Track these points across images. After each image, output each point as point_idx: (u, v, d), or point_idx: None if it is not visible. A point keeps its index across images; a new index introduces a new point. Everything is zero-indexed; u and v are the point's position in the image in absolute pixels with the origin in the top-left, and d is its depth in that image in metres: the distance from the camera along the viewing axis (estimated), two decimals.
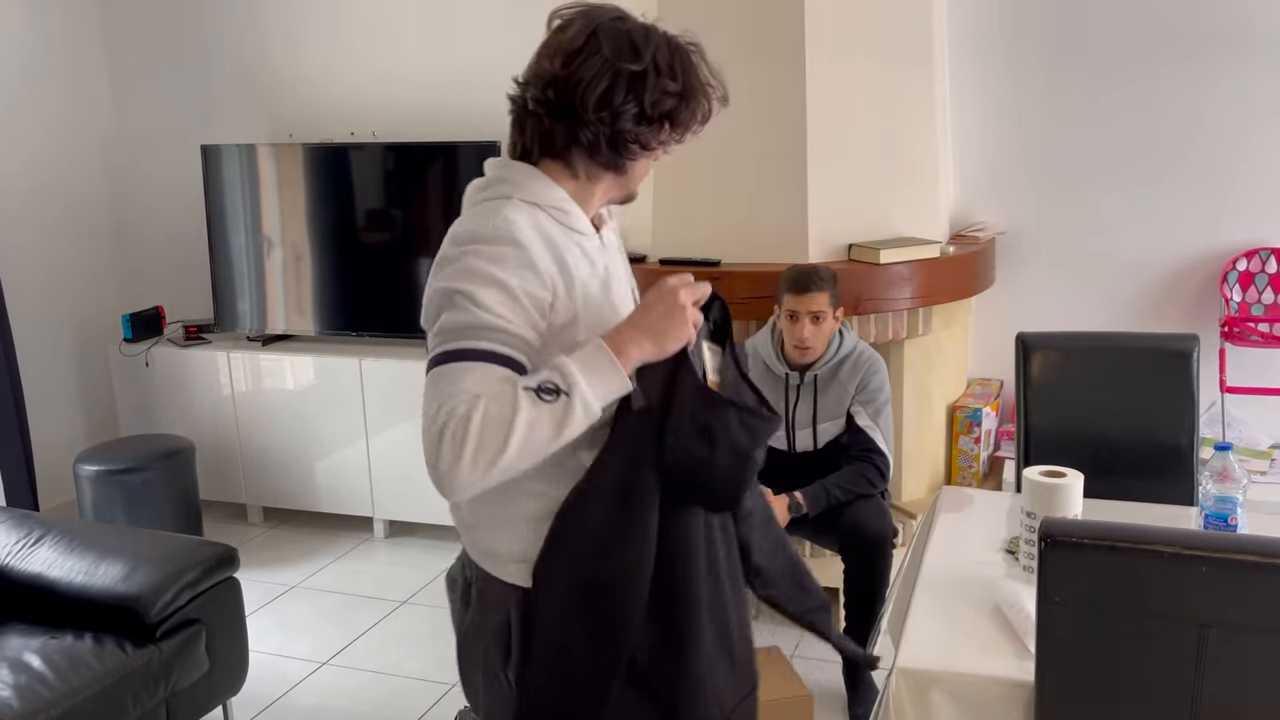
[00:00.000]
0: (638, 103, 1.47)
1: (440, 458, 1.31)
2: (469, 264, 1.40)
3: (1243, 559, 1.47)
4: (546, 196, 1.49)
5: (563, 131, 1.48)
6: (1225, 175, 3.58)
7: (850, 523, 2.89)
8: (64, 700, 2.36)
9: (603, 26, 1.47)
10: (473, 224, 1.44)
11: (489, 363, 1.36)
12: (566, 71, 1.45)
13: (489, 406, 1.32)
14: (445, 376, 1.35)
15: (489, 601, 1.54)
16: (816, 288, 2.91)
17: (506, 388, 1.34)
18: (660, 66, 1.49)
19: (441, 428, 1.32)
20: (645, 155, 1.55)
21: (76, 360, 4.73)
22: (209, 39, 4.68)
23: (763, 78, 3.34)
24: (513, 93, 1.52)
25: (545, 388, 1.34)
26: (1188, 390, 2.58)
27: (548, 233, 1.46)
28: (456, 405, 1.33)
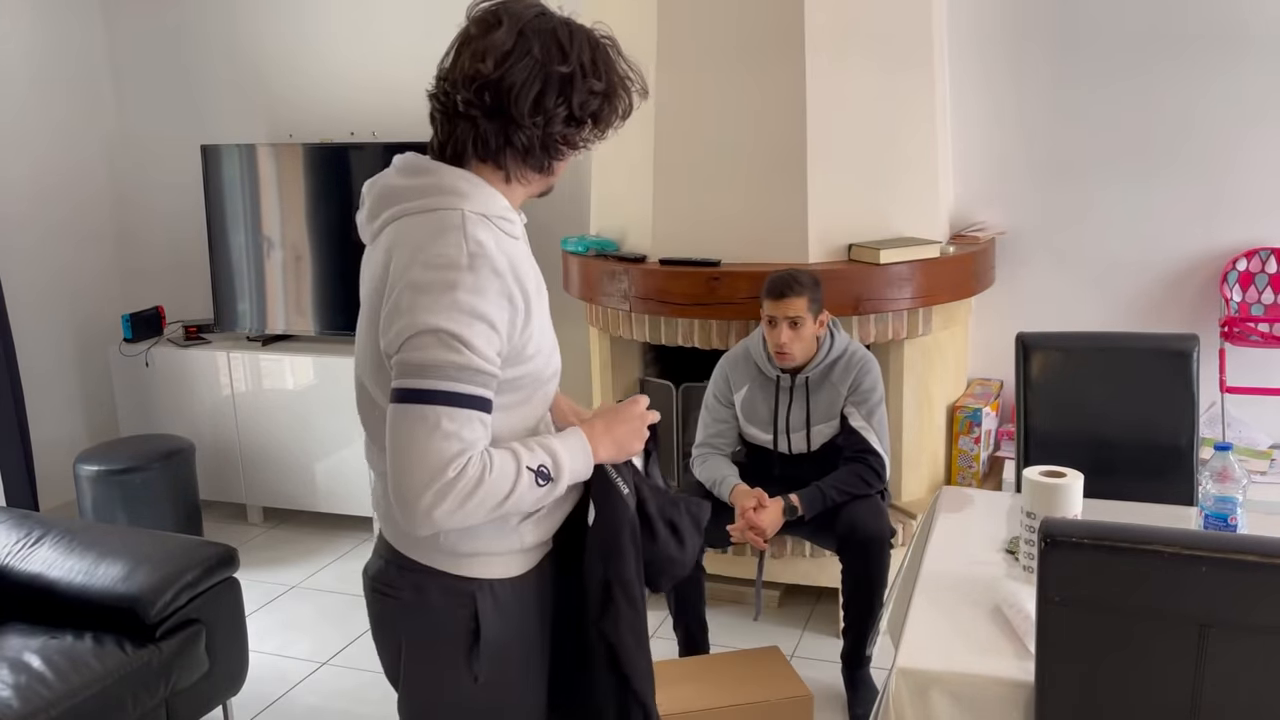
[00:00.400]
0: (567, 105, 1.49)
1: (441, 503, 1.40)
2: (455, 299, 1.41)
3: (1243, 559, 1.47)
4: (492, 207, 1.51)
5: (496, 134, 1.49)
6: (1225, 175, 3.58)
7: (847, 523, 2.89)
8: (64, 700, 2.36)
9: (529, 25, 1.48)
10: (444, 245, 1.44)
11: (482, 410, 1.44)
12: (499, 74, 1.46)
13: (497, 471, 1.43)
14: (453, 420, 1.41)
15: (439, 598, 1.58)
16: (793, 293, 2.91)
17: (510, 460, 1.46)
18: (586, 66, 1.50)
19: (456, 478, 1.40)
20: (570, 155, 1.58)
21: (77, 360, 4.73)
22: (209, 40, 4.68)
23: (762, 78, 3.34)
24: (434, 90, 1.53)
25: (542, 473, 1.48)
26: (1188, 390, 2.58)
27: (507, 250, 1.49)
28: (471, 461, 1.42)
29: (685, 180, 3.46)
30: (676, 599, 3.02)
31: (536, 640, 1.67)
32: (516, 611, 1.62)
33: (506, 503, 1.45)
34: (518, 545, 1.60)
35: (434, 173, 1.52)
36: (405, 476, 1.40)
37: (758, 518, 2.88)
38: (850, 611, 2.93)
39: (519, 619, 1.63)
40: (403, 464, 1.41)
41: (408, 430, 1.41)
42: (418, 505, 1.40)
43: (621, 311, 3.57)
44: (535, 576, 1.65)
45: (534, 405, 1.59)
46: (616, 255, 3.58)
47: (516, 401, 1.55)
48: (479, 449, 1.43)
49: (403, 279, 1.44)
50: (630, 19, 3.55)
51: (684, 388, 3.66)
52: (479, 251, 1.44)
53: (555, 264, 4.35)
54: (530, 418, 1.60)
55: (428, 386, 1.40)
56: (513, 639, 1.62)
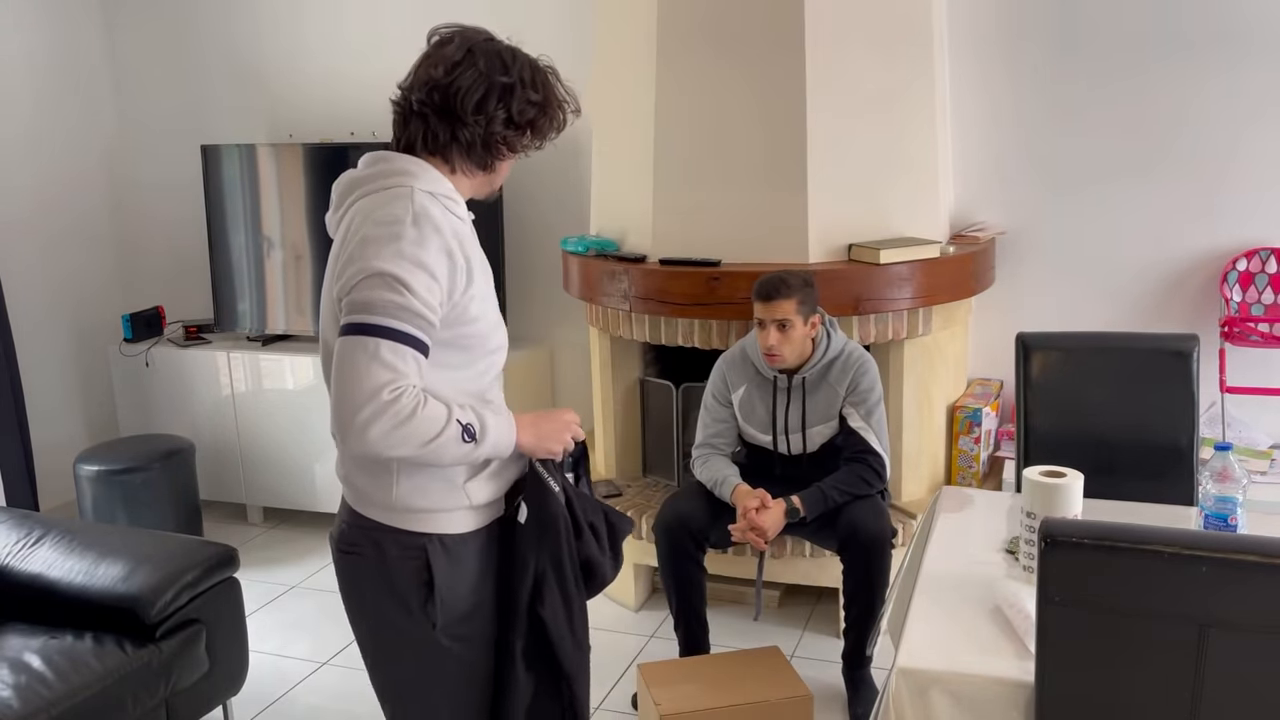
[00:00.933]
0: (506, 109, 1.74)
1: (377, 420, 1.57)
2: (400, 248, 1.62)
3: (1243, 559, 1.47)
4: (439, 187, 1.74)
5: (444, 130, 1.73)
6: (1225, 175, 3.58)
7: (848, 523, 2.89)
8: (64, 700, 2.36)
9: (478, 45, 1.75)
10: (393, 208, 1.66)
11: (416, 349, 1.62)
12: (449, 79, 1.71)
13: (429, 411, 1.61)
14: (392, 352, 1.59)
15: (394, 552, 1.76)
16: (781, 295, 2.91)
17: (442, 408, 1.63)
18: (525, 80, 1.76)
19: (391, 401, 1.57)
20: (510, 157, 1.82)
21: (77, 360, 4.73)
22: (209, 40, 4.68)
23: (763, 78, 3.34)
24: (395, 97, 1.78)
25: (469, 430, 1.66)
26: (1188, 390, 2.58)
27: (451, 222, 1.71)
28: (407, 391, 1.59)
29: (685, 180, 3.46)
30: (677, 599, 3.02)
31: (488, 600, 1.83)
32: (468, 565, 1.79)
33: (433, 444, 1.61)
34: (465, 503, 1.77)
35: (389, 160, 1.75)
36: (346, 397, 1.58)
37: (759, 519, 2.88)
38: (851, 611, 2.93)
39: (471, 573, 1.79)
40: (344, 386, 1.59)
41: (351, 357, 1.59)
42: (354, 422, 1.57)
43: (621, 311, 3.57)
44: (485, 538, 1.82)
45: (478, 372, 1.77)
46: (616, 255, 3.58)
47: (460, 363, 1.73)
48: (412, 381, 1.61)
49: (356, 236, 1.66)
50: (630, 20, 3.56)
51: (684, 388, 3.66)
52: (423, 213, 1.66)
53: (555, 264, 4.36)
54: (474, 383, 1.77)
55: (371, 321, 1.60)
56: (466, 591, 1.78)
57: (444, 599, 1.76)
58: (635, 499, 3.64)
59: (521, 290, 4.42)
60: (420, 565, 1.75)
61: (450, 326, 1.69)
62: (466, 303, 1.70)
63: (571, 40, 4.10)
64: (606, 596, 3.74)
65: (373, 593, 1.79)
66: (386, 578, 1.77)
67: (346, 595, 1.85)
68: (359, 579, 1.81)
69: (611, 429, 3.83)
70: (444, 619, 1.77)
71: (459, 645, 1.80)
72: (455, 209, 1.75)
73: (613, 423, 3.83)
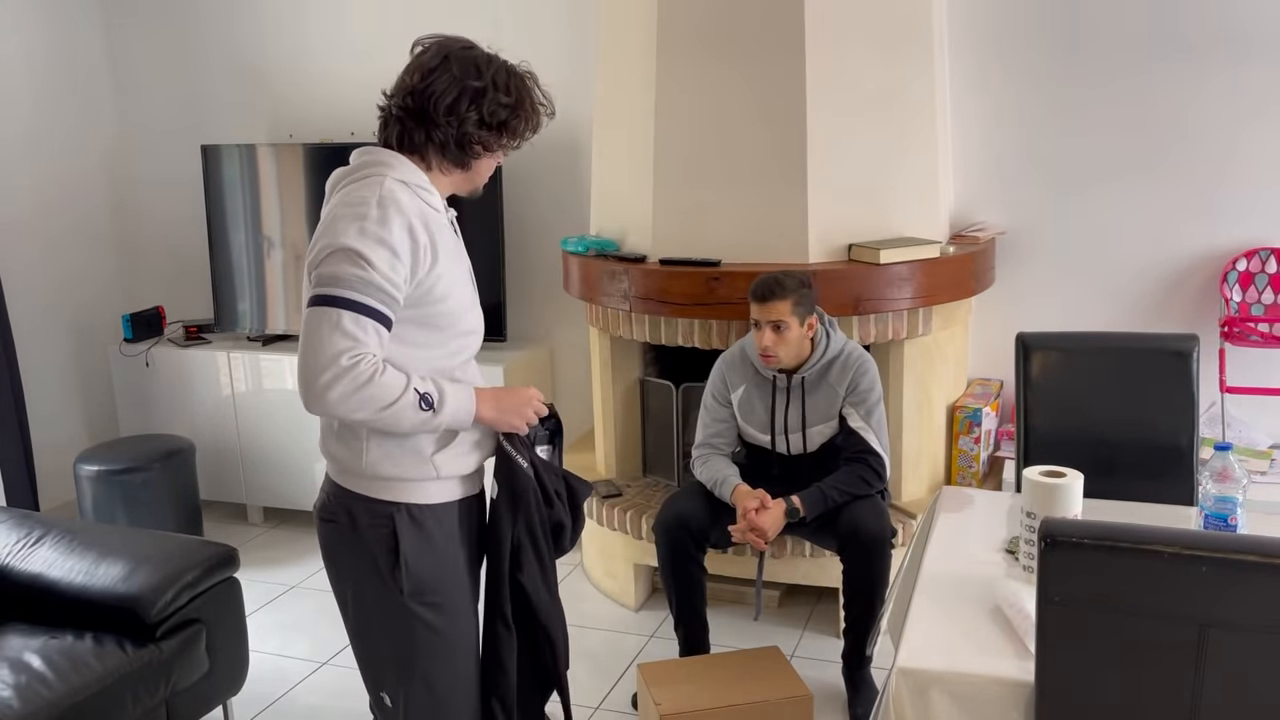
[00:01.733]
0: (478, 111, 1.85)
1: (336, 384, 1.69)
2: (363, 226, 1.74)
3: (1243, 559, 1.47)
4: (413, 177, 1.86)
5: (418, 131, 1.86)
6: (1225, 175, 3.58)
7: (848, 523, 2.89)
8: (64, 700, 2.36)
9: (454, 53, 1.87)
10: (362, 191, 1.79)
11: (377, 321, 1.73)
12: (424, 84, 1.84)
13: (387, 378, 1.73)
14: (353, 322, 1.71)
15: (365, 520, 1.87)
16: (775, 296, 2.91)
17: (401, 376, 1.75)
18: (498, 85, 1.86)
19: (351, 367, 1.70)
20: (488, 156, 1.93)
21: (77, 360, 4.73)
22: (209, 39, 4.68)
23: (763, 78, 3.34)
24: (381, 103, 1.90)
25: (426, 399, 1.77)
26: (1188, 390, 2.58)
27: (419, 207, 1.82)
28: (366, 358, 1.71)
29: (685, 180, 3.46)
30: (677, 599, 3.02)
31: (464, 573, 1.95)
32: (437, 535, 1.90)
33: (391, 409, 1.74)
34: (433, 474, 1.88)
35: (372, 153, 1.89)
36: (308, 362, 1.71)
37: (759, 519, 2.88)
38: (851, 611, 2.93)
39: (441, 544, 1.90)
40: (307, 352, 1.72)
41: (315, 326, 1.72)
42: (315, 384, 1.70)
43: (621, 311, 3.57)
44: (459, 514, 1.94)
45: (449, 352, 1.88)
46: (616, 255, 3.58)
47: (431, 341, 1.84)
48: (371, 350, 1.73)
49: (327, 217, 1.79)
50: (631, 20, 3.56)
51: (684, 388, 3.66)
52: (389, 196, 1.78)
53: (555, 264, 4.36)
54: (445, 362, 1.87)
55: (335, 293, 1.72)
56: (436, 561, 1.89)
57: (410, 567, 1.87)
58: (635, 499, 3.64)
59: (521, 290, 4.42)
60: (388, 533, 1.87)
61: (418, 305, 1.80)
62: (432, 282, 1.81)
63: (572, 41, 4.10)
64: (606, 596, 3.74)
65: (347, 560, 1.92)
66: (360, 545, 1.88)
67: (327, 564, 1.98)
68: (336, 546, 1.93)
69: (611, 429, 3.83)
70: (410, 586, 1.87)
71: (429, 612, 1.89)
72: (428, 198, 1.87)
73: (613, 423, 3.83)
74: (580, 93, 4.07)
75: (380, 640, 1.93)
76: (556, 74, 4.11)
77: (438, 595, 1.90)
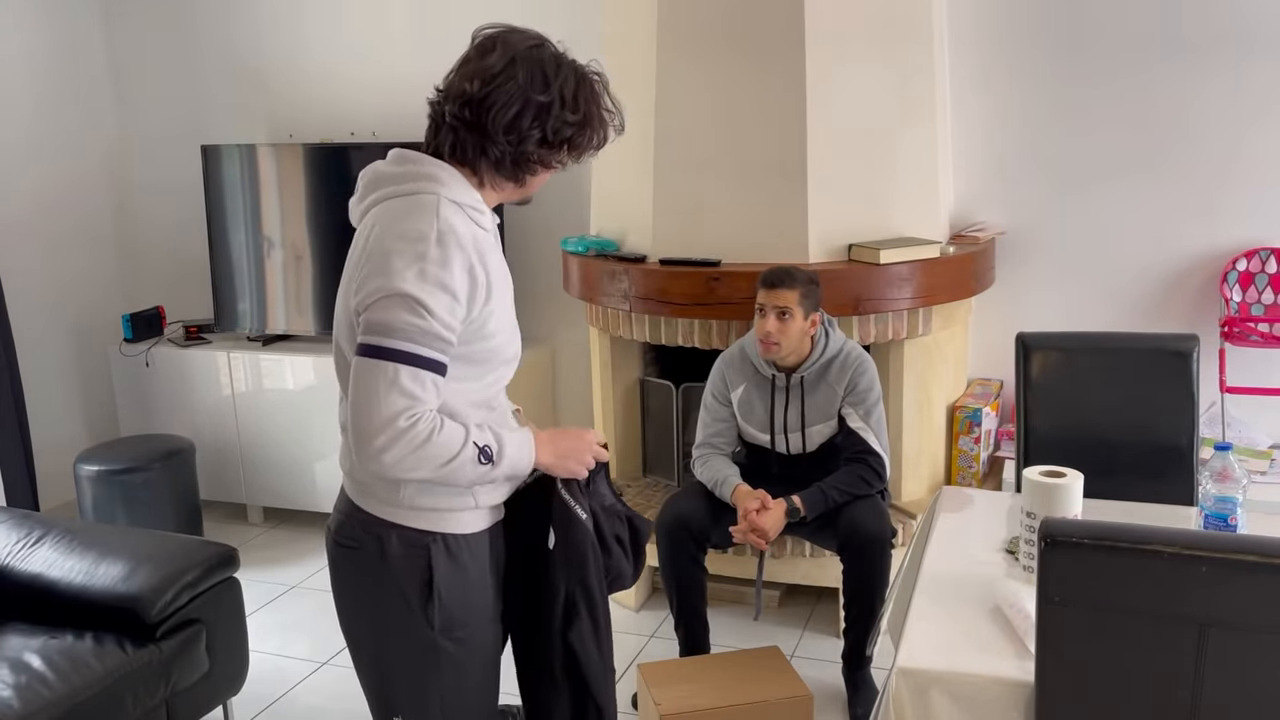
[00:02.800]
0: (541, 129, 1.68)
1: (392, 447, 1.57)
2: (424, 269, 1.59)
3: (1243, 559, 1.47)
4: (466, 197, 1.70)
5: (473, 145, 1.69)
6: (1225, 175, 3.58)
7: (848, 523, 2.89)
8: (64, 700, 2.36)
9: (520, 54, 1.67)
10: (419, 222, 1.62)
11: (435, 372, 1.61)
12: (483, 94, 1.65)
13: (445, 435, 1.61)
14: (412, 378, 1.59)
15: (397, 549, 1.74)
16: (785, 285, 2.92)
17: (459, 431, 1.63)
18: (565, 98, 1.69)
19: (408, 428, 1.58)
20: (544, 172, 1.78)
21: (77, 360, 4.73)
22: (209, 40, 4.68)
23: (763, 78, 3.34)
24: (432, 98, 1.73)
25: (486, 452, 1.66)
26: (1188, 390, 2.58)
27: (474, 233, 1.67)
28: (423, 415, 1.60)
29: (685, 180, 3.46)
30: (678, 599, 3.02)
31: (490, 600, 1.83)
32: (470, 566, 1.78)
33: (449, 466, 1.62)
34: (471, 504, 1.76)
35: (418, 162, 1.70)
36: (364, 421, 1.58)
37: (760, 519, 2.88)
38: (851, 612, 2.93)
39: (473, 574, 1.78)
40: (363, 410, 1.58)
41: (370, 381, 1.58)
42: (371, 446, 1.57)
43: (621, 311, 3.57)
44: (489, 539, 1.81)
45: (488, 383, 1.76)
46: (616, 255, 3.58)
47: (473, 375, 1.72)
48: (429, 406, 1.61)
49: (379, 247, 1.62)
50: (631, 20, 3.56)
51: (684, 388, 3.66)
52: (448, 229, 1.62)
53: (555, 264, 4.36)
54: (485, 393, 1.76)
55: (391, 345, 1.58)
56: (466, 592, 1.77)
57: (443, 600, 1.75)
58: (635, 499, 3.64)
59: (521, 290, 4.39)
60: (422, 564, 1.74)
61: (467, 342, 1.67)
62: (485, 318, 1.68)
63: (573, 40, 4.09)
64: None
65: (371, 588, 1.77)
66: (386, 574, 1.75)
67: (341, 589, 1.83)
68: (356, 573, 1.79)
69: (611, 429, 3.83)
70: (442, 621, 1.75)
71: (456, 646, 1.78)
72: (480, 219, 1.72)
73: (613, 423, 3.83)
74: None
75: (398, 673, 1.80)
76: None
77: (466, 629, 1.78)
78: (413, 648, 1.77)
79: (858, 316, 3.33)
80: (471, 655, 1.81)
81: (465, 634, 1.78)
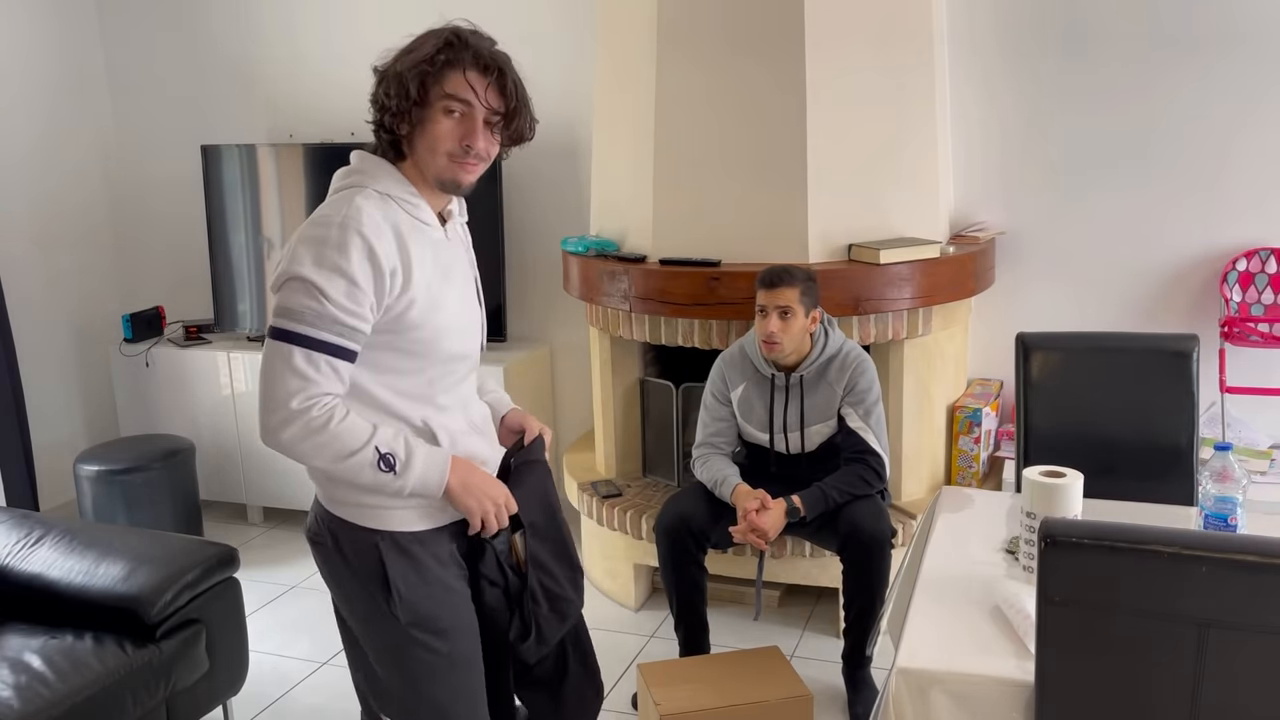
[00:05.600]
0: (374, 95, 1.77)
1: (286, 427, 1.63)
2: (320, 253, 1.63)
3: (1243, 559, 1.47)
4: (397, 189, 1.73)
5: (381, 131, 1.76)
6: (1225, 175, 3.58)
7: (848, 523, 2.89)
8: (64, 700, 2.35)
9: (435, 30, 1.81)
10: (328, 209, 1.68)
11: (334, 356, 1.64)
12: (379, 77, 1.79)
13: (344, 427, 1.64)
14: (306, 359, 1.63)
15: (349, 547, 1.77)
16: (785, 283, 2.92)
17: (365, 428, 1.66)
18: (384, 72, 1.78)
19: (302, 411, 1.63)
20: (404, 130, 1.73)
21: (77, 360, 4.73)
22: (209, 39, 4.68)
23: (763, 78, 3.34)
24: None
25: (387, 459, 1.66)
26: (1188, 390, 2.58)
27: (395, 222, 1.69)
28: (319, 402, 1.64)
29: (685, 180, 3.46)
30: (677, 599, 3.02)
31: (459, 596, 1.81)
32: (430, 564, 1.78)
33: (347, 461, 1.65)
34: (402, 502, 1.76)
35: (362, 159, 1.78)
36: (262, 399, 1.65)
37: (760, 520, 2.88)
38: (851, 611, 2.93)
39: (435, 571, 1.78)
40: (263, 390, 1.66)
41: (269, 360, 1.65)
42: (268, 423, 1.65)
43: (621, 311, 3.57)
44: (449, 537, 1.81)
45: (430, 379, 1.76)
46: (616, 255, 3.58)
47: (410, 368, 1.73)
48: (327, 391, 1.65)
49: (294, 237, 1.69)
50: (631, 20, 3.56)
51: (684, 388, 3.66)
52: (354, 215, 1.65)
53: (555, 264, 4.36)
54: (426, 390, 1.76)
55: (289, 328, 1.64)
56: (429, 588, 1.77)
57: (404, 597, 1.75)
58: (635, 499, 3.64)
59: (521, 290, 4.42)
60: (373, 561, 1.76)
61: (391, 332, 1.69)
62: (403, 308, 1.69)
63: (572, 40, 4.10)
64: (607, 596, 3.74)
65: (345, 582, 1.81)
66: (348, 571, 1.79)
67: (326, 581, 1.88)
68: (327, 566, 1.84)
69: (611, 429, 3.83)
70: (408, 616, 1.76)
71: (433, 638, 1.78)
72: (414, 211, 1.74)
73: (613, 423, 3.83)
74: (580, 93, 4.07)
75: (383, 664, 1.83)
76: (556, 74, 4.12)
77: (440, 621, 1.78)
78: (386, 638, 1.80)
79: (858, 316, 3.33)
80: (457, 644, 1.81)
81: (443, 626, 1.78)
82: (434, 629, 1.78)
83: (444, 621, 1.79)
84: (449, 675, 1.81)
